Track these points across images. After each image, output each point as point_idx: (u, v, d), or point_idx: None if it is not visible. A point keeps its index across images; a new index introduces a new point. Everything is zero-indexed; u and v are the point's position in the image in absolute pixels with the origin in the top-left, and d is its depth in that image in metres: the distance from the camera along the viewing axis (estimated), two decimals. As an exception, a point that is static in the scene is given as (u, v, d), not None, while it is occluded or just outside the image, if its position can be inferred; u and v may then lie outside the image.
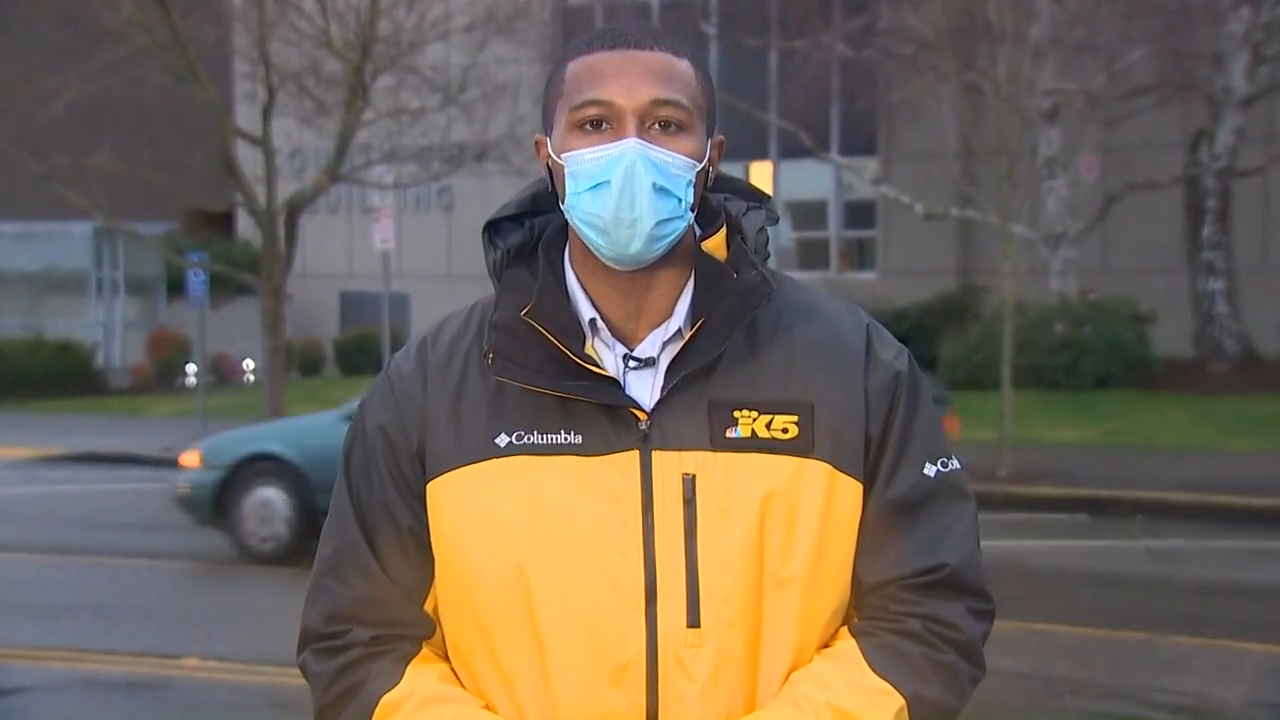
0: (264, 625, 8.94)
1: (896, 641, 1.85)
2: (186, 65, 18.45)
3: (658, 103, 1.83)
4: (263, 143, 19.25)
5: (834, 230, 27.46)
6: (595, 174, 1.82)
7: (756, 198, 1.97)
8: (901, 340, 1.98)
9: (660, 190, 1.81)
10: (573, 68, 1.87)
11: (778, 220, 1.97)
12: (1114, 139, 22.33)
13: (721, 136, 1.91)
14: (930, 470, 1.90)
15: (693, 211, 1.86)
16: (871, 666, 1.84)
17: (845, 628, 1.90)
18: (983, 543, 1.93)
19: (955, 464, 1.94)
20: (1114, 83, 20.87)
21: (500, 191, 21.89)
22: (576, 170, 1.83)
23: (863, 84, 22.69)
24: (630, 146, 1.81)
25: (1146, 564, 11.18)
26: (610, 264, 1.85)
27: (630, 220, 1.81)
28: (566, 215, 1.87)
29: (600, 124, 1.83)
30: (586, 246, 1.87)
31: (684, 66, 1.86)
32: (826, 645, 1.88)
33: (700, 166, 1.86)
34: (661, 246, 1.83)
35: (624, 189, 1.80)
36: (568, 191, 1.85)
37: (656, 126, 1.83)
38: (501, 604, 1.85)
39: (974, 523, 1.93)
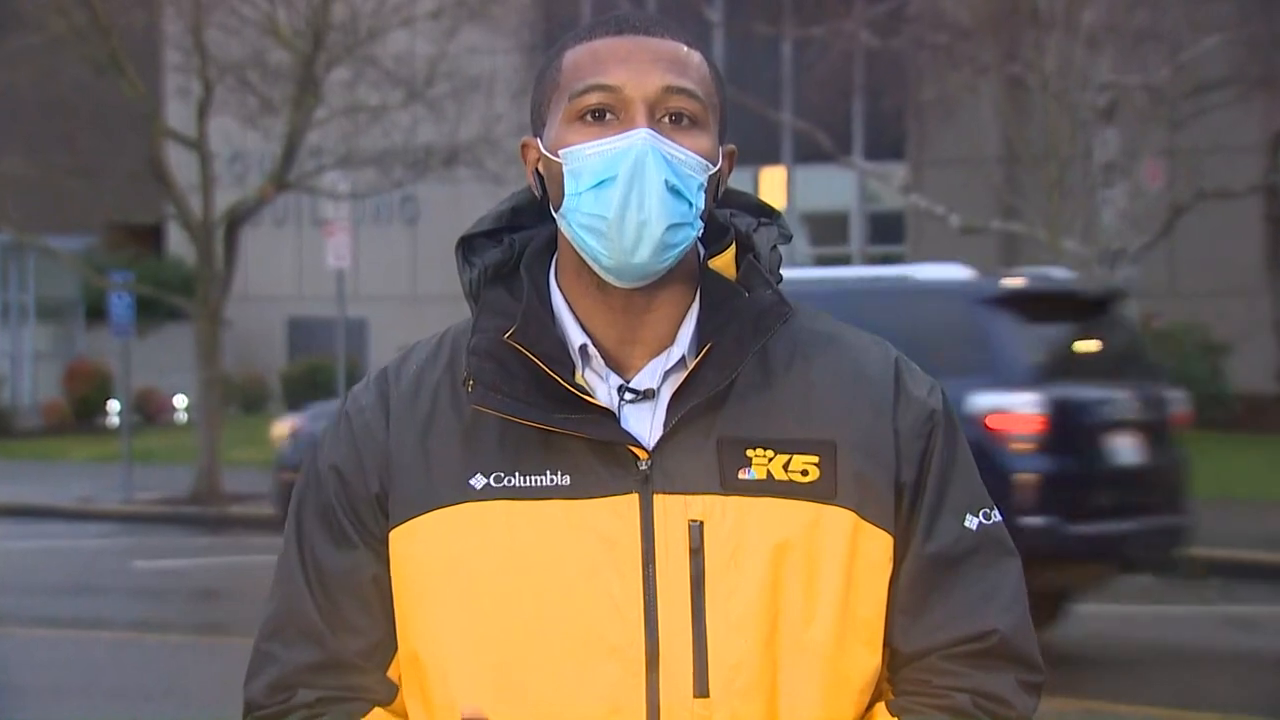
0: (207, 701, 8.91)
1: None
2: (109, 55, 18.49)
3: (670, 90, 1.85)
4: (198, 145, 19.29)
5: (857, 245, 27.51)
6: (599, 170, 1.83)
7: (766, 213, 1.99)
8: (935, 373, 2.00)
9: (672, 190, 1.83)
10: (571, 55, 1.89)
11: (790, 238, 1.99)
12: (1181, 141, 22.40)
13: (733, 146, 1.94)
14: (972, 523, 1.92)
15: (704, 221, 1.88)
16: None
17: (882, 704, 1.91)
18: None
19: (997, 515, 1.96)
20: (1181, 76, 20.94)
21: (472, 201, 21.89)
22: (577, 167, 1.85)
23: (890, 78, 22.77)
24: (640, 138, 1.83)
25: (1223, 633, 11.17)
26: (610, 277, 1.86)
27: (638, 223, 1.82)
28: (561, 222, 1.88)
29: (604, 114, 1.85)
30: (577, 263, 1.89)
31: (696, 57, 1.89)
32: None
33: (714, 170, 1.88)
34: (670, 257, 1.85)
35: (632, 186, 1.82)
36: (566, 192, 1.86)
37: (667, 119, 1.85)
38: (476, 671, 1.86)
39: (1021, 582, 1.94)
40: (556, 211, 1.89)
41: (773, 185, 27.30)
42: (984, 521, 1.93)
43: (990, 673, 1.88)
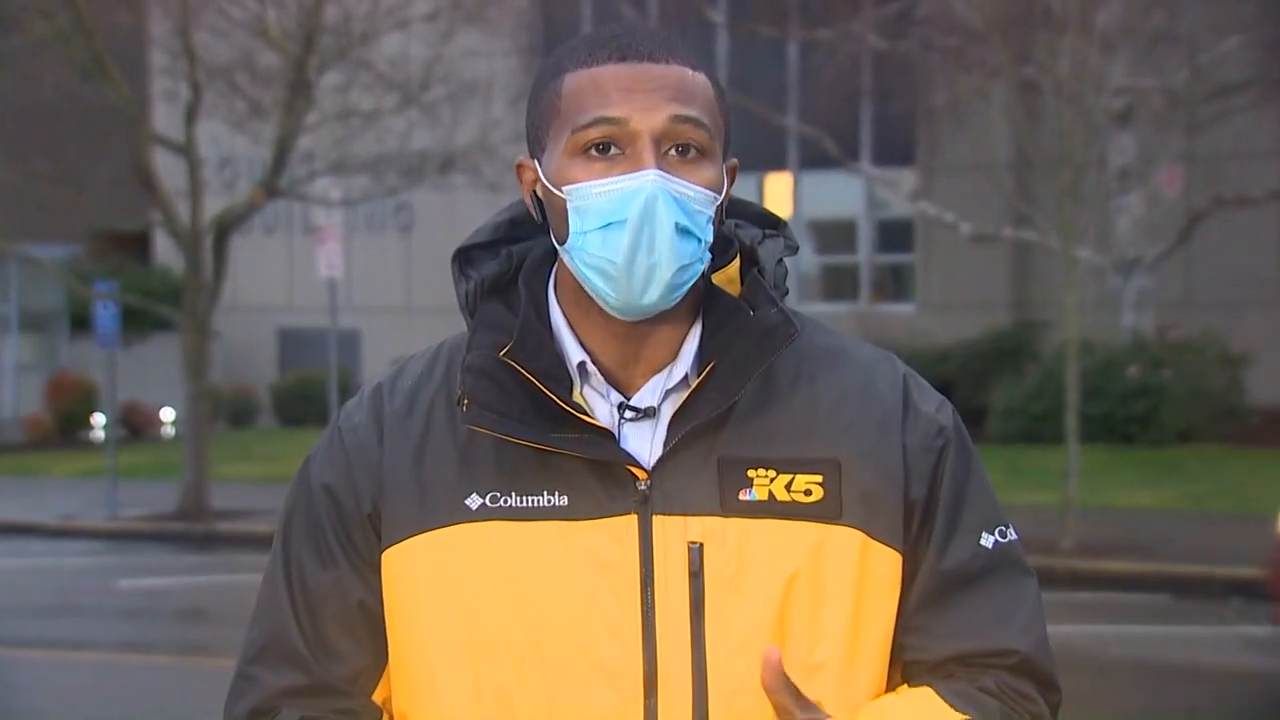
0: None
1: (974, 692, 1.90)
2: (94, 58, 18.50)
3: (677, 121, 1.84)
4: (186, 150, 19.29)
5: (864, 254, 27.52)
6: (607, 211, 1.83)
7: (771, 223, 2.01)
8: (947, 385, 2.02)
9: (682, 231, 1.83)
10: (572, 81, 1.88)
11: (797, 249, 2.00)
12: (1199, 146, 22.40)
13: (735, 160, 1.94)
14: (987, 541, 1.94)
15: (711, 251, 1.89)
16: (951, 705, 1.89)
17: (905, 685, 1.93)
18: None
19: (1013, 534, 1.98)
20: (1199, 79, 20.95)
21: (468, 209, 21.93)
22: (583, 205, 1.85)
23: (899, 82, 22.78)
24: (650, 179, 1.82)
25: (1243, 655, 11.16)
26: (615, 314, 1.87)
27: (648, 266, 1.83)
28: (565, 256, 1.89)
29: (608, 148, 1.85)
30: (578, 287, 1.90)
31: (701, 81, 1.89)
32: None
33: (721, 199, 1.88)
34: (679, 295, 1.86)
35: (642, 229, 1.82)
36: (571, 230, 1.86)
37: (674, 152, 1.85)
38: (469, 696, 1.87)
39: (1039, 602, 1.97)
40: (560, 245, 1.89)
41: (778, 192, 27.32)
42: (1000, 540, 1.95)
43: (1011, 678, 1.92)
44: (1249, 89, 20.98)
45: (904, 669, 1.92)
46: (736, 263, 1.96)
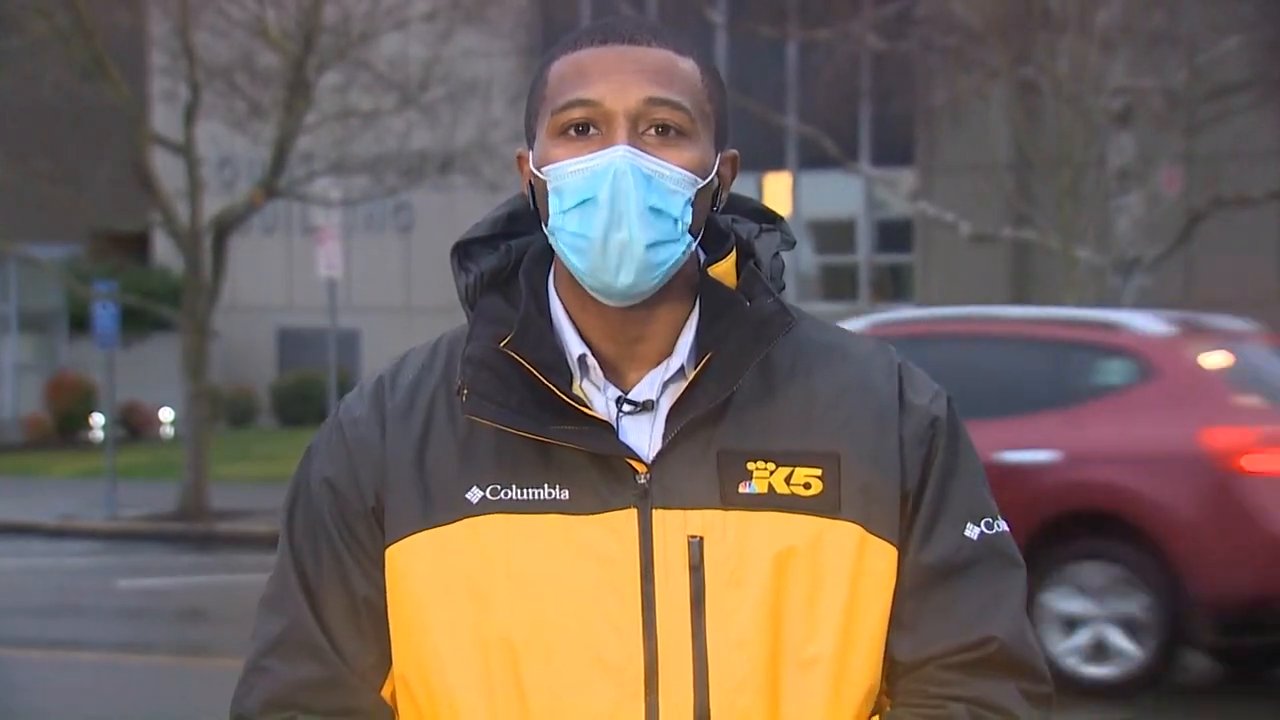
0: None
1: None
2: (94, 58, 18.50)
3: (652, 102, 1.85)
4: (185, 150, 19.29)
5: (864, 254, 27.52)
6: (580, 189, 1.84)
7: (768, 218, 2.00)
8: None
9: (653, 209, 1.84)
10: (557, 67, 1.90)
11: (794, 244, 2.00)
12: (1199, 146, 22.39)
13: (735, 151, 1.94)
14: (973, 532, 1.93)
15: (694, 236, 1.88)
16: None
17: (877, 718, 1.92)
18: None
19: (1002, 525, 1.96)
20: (1199, 79, 20.94)
21: (467, 209, 21.90)
22: (559, 185, 1.86)
23: (898, 82, 22.78)
24: (619, 155, 1.83)
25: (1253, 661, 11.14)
26: (598, 296, 1.87)
27: (619, 243, 1.83)
28: (551, 240, 1.89)
29: (586, 129, 1.86)
30: (572, 275, 1.89)
31: (687, 65, 1.89)
32: None
33: (703, 184, 1.88)
34: (657, 277, 1.86)
35: (612, 206, 1.83)
36: (551, 211, 1.87)
37: (652, 132, 1.85)
38: (473, 692, 1.87)
39: (1024, 594, 1.95)
40: (546, 228, 1.90)
41: (777, 192, 27.33)
42: (986, 531, 1.93)
43: (990, 681, 1.89)
44: (1249, 89, 20.96)
45: (884, 667, 1.91)
46: (732, 256, 1.96)
